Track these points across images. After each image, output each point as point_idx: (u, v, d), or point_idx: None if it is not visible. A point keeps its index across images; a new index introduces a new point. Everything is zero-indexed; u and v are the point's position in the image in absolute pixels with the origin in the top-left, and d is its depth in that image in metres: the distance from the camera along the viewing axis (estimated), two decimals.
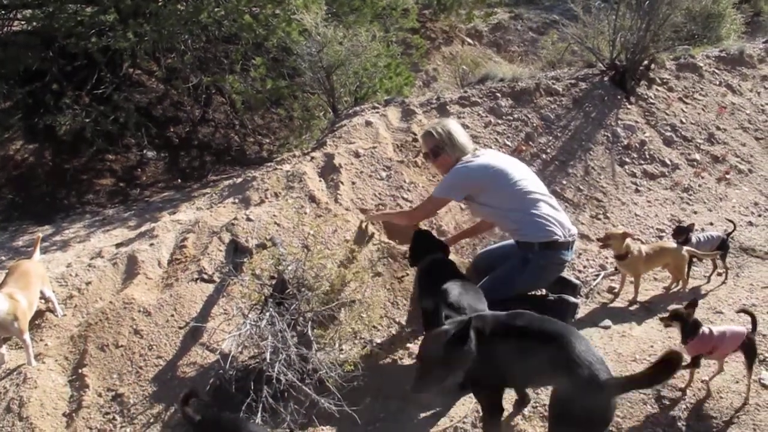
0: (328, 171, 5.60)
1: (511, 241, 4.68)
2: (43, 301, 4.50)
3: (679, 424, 3.59)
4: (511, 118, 6.58)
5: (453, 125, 4.73)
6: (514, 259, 4.45)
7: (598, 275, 5.30)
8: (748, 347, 3.64)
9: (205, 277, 4.67)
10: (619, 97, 7.15)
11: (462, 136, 4.65)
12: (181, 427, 3.86)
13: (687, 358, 3.68)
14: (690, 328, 3.68)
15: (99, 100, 8.58)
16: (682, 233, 5.07)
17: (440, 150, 4.59)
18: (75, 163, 8.56)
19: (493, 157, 4.61)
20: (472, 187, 4.46)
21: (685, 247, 4.94)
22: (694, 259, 5.15)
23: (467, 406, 3.83)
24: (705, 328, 3.69)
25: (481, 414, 3.61)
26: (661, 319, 3.85)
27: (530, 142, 6.40)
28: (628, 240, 4.81)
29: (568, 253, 4.42)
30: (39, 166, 8.44)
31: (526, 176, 4.51)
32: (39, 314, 4.46)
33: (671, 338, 4.22)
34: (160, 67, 9.34)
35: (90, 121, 8.21)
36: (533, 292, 4.70)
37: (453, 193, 4.53)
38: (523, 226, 4.35)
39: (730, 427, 3.55)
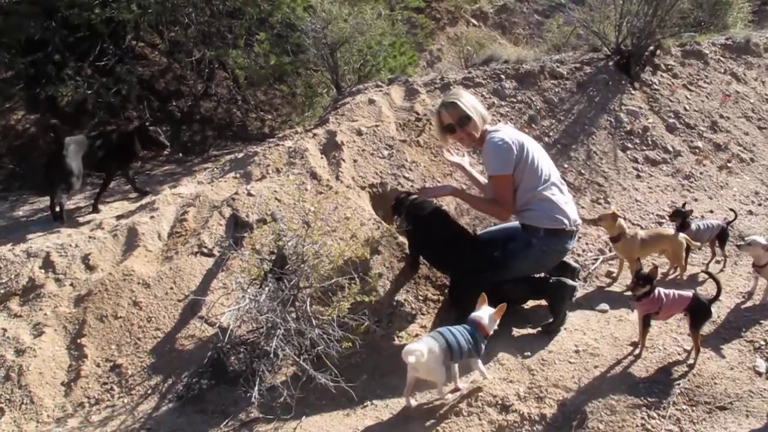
0: (330, 148, 5.59)
1: (513, 223, 4.68)
2: (42, 270, 4.52)
3: (672, 409, 3.61)
4: (515, 100, 6.56)
5: (471, 96, 4.65)
6: (516, 243, 4.44)
7: (596, 259, 5.31)
8: (694, 310, 3.84)
9: (205, 250, 4.68)
10: (623, 82, 7.12)
11: (481, 106, 4.58)
12: (178, 399, 3.89)
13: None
14: (648, 290, 3.86)
15: (101, 71, 8.54)
16: (678, 216, 5.08)
17: (468, 119, 4.43)
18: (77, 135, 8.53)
19: (513, 131, 4.57)
20: (515, 160, 4.33)
21: (683, 234, 4.94)
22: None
23: (464, 385, 3.85)
24: (656, 291, 3.87)
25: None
26: (629, 288, 4.02)
27: (533, 125, 6.39)
28: (622, 222, 4.82)
29: (571, 241, 4.43)
30: (40, 136, 8.41)
31: (542, 156, 4.49)
32: (39, 285, 4.48)
33: (667, 323, 4.25)
34: (163, 40, 9.26)
35: (92, 92, 8.17)
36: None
37: (509, 166, 4.34)
38: (534, 208, 4.33)
39: (723, 413, 3.58)
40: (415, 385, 3.71)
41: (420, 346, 3.52)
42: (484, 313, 3.79)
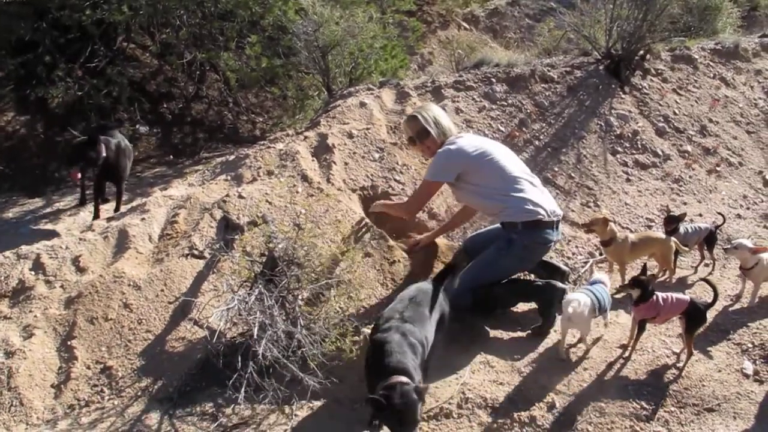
0: (321, 151, 5.60)
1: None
2: (32, 272, 4.51)
3: (661, 411, 3.64)
4: (506, 103, 6.58)
5: (436, 109, 4.80)
6: (499, 241, 4.49)
7: (586, 262, 5.33)
8: (690, 314, 3.85)
9: (196, 252, 4.68)
10: (613, 86, 7.16)
11: (446, 120, 4.74)
12: (168, 401, 3.89)
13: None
14: (647, 295, 3.86)
15: (92, 73, 8.51)
16: (672, 222, 5.11)
17: (426, 133, 4.64)
18: (67, 136, 8.50)
19: (475, 138, 4.74)
20: (461, 167, 4.50)
21: (672, 238, 4.97)
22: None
23: (453, 388, 3.86)
24: (654, 296, 3.89)
25: None
26: (621, 287, 4.03)
27: (524, 128, 6.42)
28: (613, 226, 4.85)
29: (553, 232, 4.46)
30: (30, 138, 8.38)
31: (507, 157, 4.60)
32: (29, 286, 4.46)
33: (658, 326, 4.27)
34: (154, 41, 9.26)
35: (82, 94, 8.15)
36: (521, 276, 4.75)
37: (444, 175, 4.57)
38: (507, 206, 4.40)
39: (711, 415, 3.60)
40: None
41: (579, 297, 3.91)
42: (605, 277, 4.38)
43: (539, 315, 4.45)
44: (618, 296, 4.64)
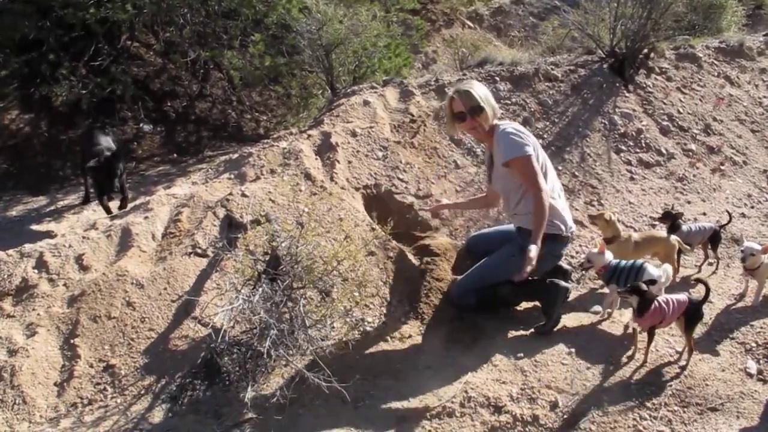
0: (325, 149, 5.60)
1: (508, 226, 4.68)
2: (36, 271, 4.51)
3: (664, 410, 3.63)
4: (509, 102, 6.58)
5: (484, 87, 4.49)
6: (511, 247, 4.41)
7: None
8: (689, 313, 3.84)
9: (199, 251, 4.68)
10: (617, 84, 7.15)
11: (493, 100, 4.45)
12: (171, 400, 3.89)
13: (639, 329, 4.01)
14: (647, 302, 3.79)
15: (96, 71, 8.54)
16: (668, 218, 5.10)
17: (480, 110, 4.32)
18: (71, 135, 8.52)
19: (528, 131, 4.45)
20: (534, 149, 4.25)
21: (675, 237, 4.96)
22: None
23: (456, 386, 3.86)
24: (656, 302, 3.82)
25: None
26: (619, 293, 3.95)
27: (527, 127, 6.38)
28: (617, 225, 4.84)
29: (565, 248, 4.46)
30: (34, 136, 8.40)
31: (549, 162, 4.48)
32: (32, 285, 4.47)
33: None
34: (158, 40, 9.28)
35: (86, 92, 8.17)
36: None
37: (530, 149, 4.22)
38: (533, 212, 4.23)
39: (714, 414, 3.59)
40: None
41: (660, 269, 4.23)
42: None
43: (543, 314, 4.45)
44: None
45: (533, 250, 3.96)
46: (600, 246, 4.35)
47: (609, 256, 4.35)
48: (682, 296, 3.91)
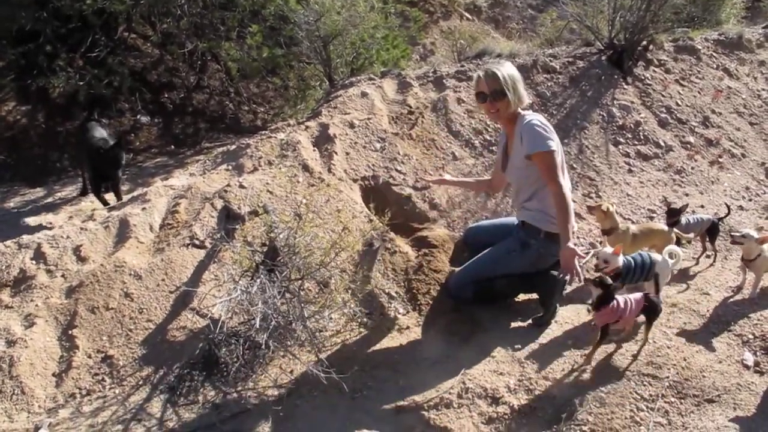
0: (323, 141, 5.59)
1: (507, 219, 4.67)
2: (33, 262, 4.51)
3: (661, 402, 3.64)
4: None
5: (516, 72, 4.30)
6: (512, 241, 4.41)
7: (587, 253, 5.32)
8: (647, 310, 3.91)
9: (197, 242, 4.68)
10: (615, 76, 7.14)
11: (522, 87, 4.29)
12: (169, 390, 3.90)
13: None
14: (607, 298, 3.78)
15: (93, 63, 8.52)
16: (674, 215, 5.08)
17: (502, 95, 4.16)
18: (68, 126, 8.51)
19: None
20: (557, 144, 4.16)
21: (674, 229, 4.96)
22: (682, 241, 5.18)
23: (454, 378, 3.87)
24: (615, 300, 3.81)
25: None
26: (587, 280, 3.92)
27: None
28: (616, 217, 4.83)
29: None
30: (31, 128, 8.38)
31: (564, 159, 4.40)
32: (30, 276, 4.47)
33: None
34: (155, 31, 9.24)
35: (83, 84, 8.14)
36: None
37: (553, 144, 4.12)
38: (540, 208, 4.24)
39: (711, 406, 3.60)
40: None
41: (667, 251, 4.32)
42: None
43: (540, 305, 4.45)
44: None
45: (569, 249, 3.85)
46: (616, 248, 4.19)
47: (622, 258, 4.27)
48: (639, 296, 3.93)
